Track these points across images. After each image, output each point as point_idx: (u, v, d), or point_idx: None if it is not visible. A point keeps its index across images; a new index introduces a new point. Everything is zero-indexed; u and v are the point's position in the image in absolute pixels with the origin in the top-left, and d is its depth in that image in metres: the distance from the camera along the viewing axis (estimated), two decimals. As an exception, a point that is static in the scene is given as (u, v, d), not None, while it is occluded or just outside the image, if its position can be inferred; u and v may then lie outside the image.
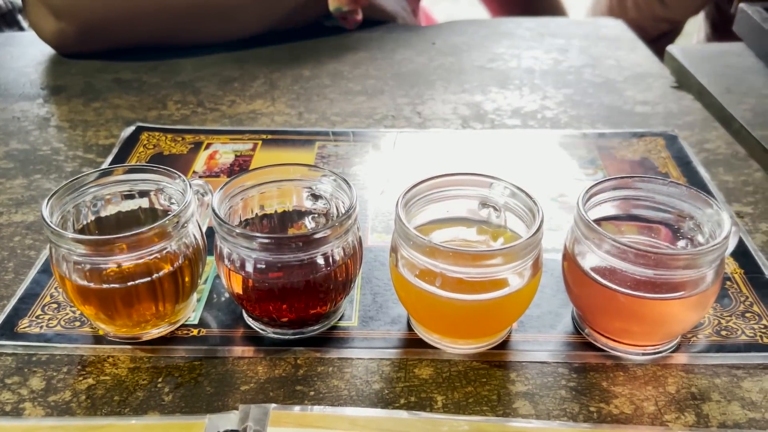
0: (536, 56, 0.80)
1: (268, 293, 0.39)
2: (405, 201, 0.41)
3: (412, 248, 0.38)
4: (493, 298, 0.38)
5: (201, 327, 0.43)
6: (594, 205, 0.43)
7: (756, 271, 0.47)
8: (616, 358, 0.41)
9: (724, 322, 0.43)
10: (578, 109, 0.69)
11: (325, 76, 0.75)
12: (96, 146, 0.62)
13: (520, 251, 0.38)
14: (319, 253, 0.39)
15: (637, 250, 0.37)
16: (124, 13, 0.75)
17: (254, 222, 0.45)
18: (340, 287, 0.41)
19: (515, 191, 0.42)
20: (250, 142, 0.62)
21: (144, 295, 0.40)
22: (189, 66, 0.77)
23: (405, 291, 0.40)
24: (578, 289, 0.41)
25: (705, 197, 0.41)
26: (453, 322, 0.40)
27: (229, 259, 0.40)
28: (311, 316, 0.41)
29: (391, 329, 0.43)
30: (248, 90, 0.72)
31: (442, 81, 0.74)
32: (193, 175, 0.58)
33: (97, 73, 0.76)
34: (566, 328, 0.43)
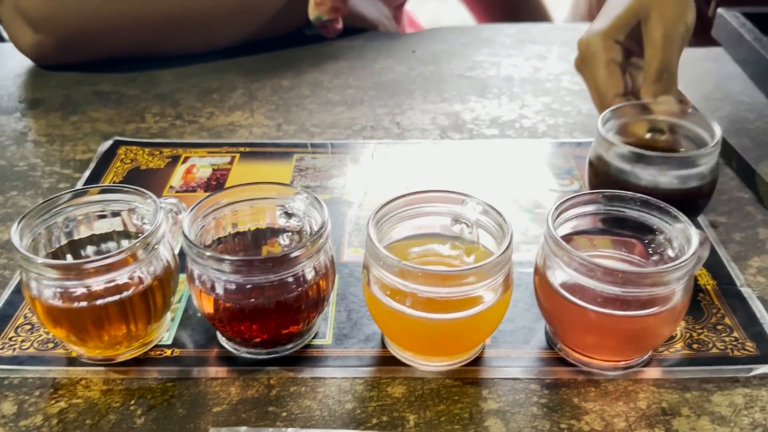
0: (516, 64, 0.80)
1: (240, 314, 0.39)
2: (377, 219, 0.41)
3: (382, 268, 0.38)
4: (465, 316, 0.38)
5: (174, 347, 0.43)
6: (567, 219, 0.43)
7: (728, 282, 0.47)
8: (587, 373, 0.41)
9: (696, 335, 0.43)
10: (556, 118, 0.69)
11: (305, 87, 0.75)
12: (73, 161, 0.62)
13: (490, 269, 0.38)
14: (291, 273, 0.39)
15: (604, 268, 0.37)
16: (103, 25, 0.74)
17: (227, 240, 0.45)
18: (312, 306, 0.41)
19: (486, 208, 0.42)
20: (228, 155, 0.62)
21: (115, 318, 0.40)
22: (169, 77, 0.77)
23: (377, 310, 0.40)
24: (549, 305, 0.41)
25: (674, 212, 0.41)
26: (425, 341, 0.40)
27: (199, 280, 0.40)
28: (284, 335, 0.41)
29: (365, 347, 0.43)
30: (227, 101, 0.72)
31: (422, 90, 0.74)
32: (170, 190, 0.58)
33: (75, 85, 0.75)
34: (539, 344, 0.43)
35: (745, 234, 0.53)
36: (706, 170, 0.47)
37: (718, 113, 0.68)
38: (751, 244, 0.52)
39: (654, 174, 0.47)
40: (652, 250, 0.43)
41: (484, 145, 0.64)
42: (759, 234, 0.53)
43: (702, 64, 0.79)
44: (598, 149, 0.49)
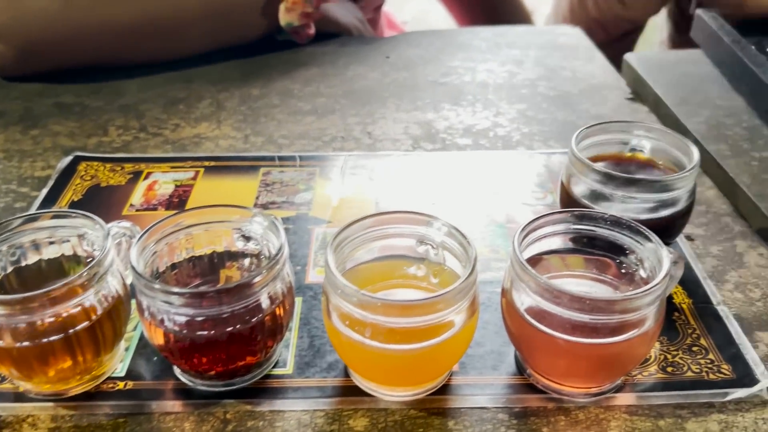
0: (491, 69, 0.79)
1: (192, 347, 0.38)
2: (336, 243, 0.39)
3: (340, 297, 0.36)
4: (429, 345, 0.37)
5: (128, 379, 0.41)
6: (537, 239, 0.41)
7: (705, 300, 0.46)
8: (558, 400, 0.39)
9: (671, 357, 0.42)
10: (531, 126, 0.67)
11: (275, 95, 0.73)
12: (31, 179, 0.60)
13: (454, 297, 0.36)
14: (244, 304, 0.37)
15: (571, 295, 0.35)
16: (64, 34, 0.72)
17: (182, 265, 0.43)
18: (269, 336, 0.39)
19: (451, 230, 0.40)
20: (192, 170, 0.60)
21: (60, 353, 0.38)
22: (134, 87, 0.75)
23: (337, 339, 0.39)
24: (516, 329, 0.39)
25: (645, 232, 0.39)
26: (387, 372, 0.39)
27: (148, 312, 0.38)
28: (240, 367, 0.39)
29: (327, 376, 0.41)
30: (194, 112, 0.70)
31: (395, 98, 0.73)
32: (130, 208, 0.56)
33: (37, 97, 0.73)
34: (508, 369, 0.42)
35: (722, 247, 0.51)
36: (683, 194, 0.46)
37: (695, 119, 0.67)
38: (728, 258, 0.50)
39: (628, 198, 0.45)
40: (624, 270, 0.41)
41: (456, 156, 0.62)
42: (737, 247, 0.51)
43: (680, 66, 0.78)
44: (571, 169, 0.47)
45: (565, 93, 0.73)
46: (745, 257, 0.50)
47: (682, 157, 0.48)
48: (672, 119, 0.68)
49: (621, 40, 1.32)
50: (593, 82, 0.76)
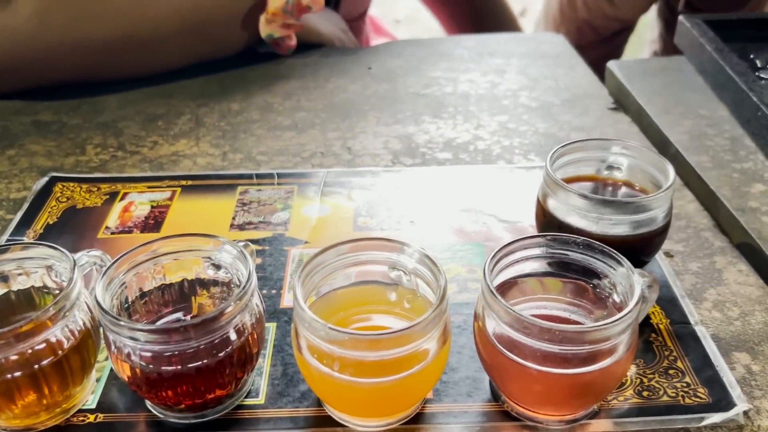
0: (473, 79, 0.78)
1: (159, 381, 0.37)
2: (306, 273, 0.39)
3: (308, 330, 0.36)
4: (399, 378, 0.36)
5: (99, 411, 0.41)
6: (512, 263, 0.41)
7: (682, 320, 0.46)
8: (532, 428, 0.39)
9: (647, 381, 0.42)
10: (512, 139, 0.67)
11: (254, 110, 0.73)
12: (7, 201, 0.59)
13: (423, 328, 0.36)
14: (212, 338, 0.36)
15: (540, 326, 0.35)
16: (41, 52, 0.71)
17: (152, 293, 0.42)
18: (239, 368, 0.39)
19: (422, 257, 0.40)
20: (169, 189, 0.60)
21: (25, 388, 0.37)
22: (113, 103, 0.74)
23: (307, 372, 0.38)
24: (488, 357, 0.39)
25: (617, 257, 0.39)
26: (358, 404, 0.38)
27: (114, 346, 0.37)
28: (210, 400, 0.39)
29: (300, 406, 0.41)
30: (172, 128, 0.69)
31: (375, 111, 0.72)
32: (106, 230, 0.55)
33: (14, 115, 0.72)
34: (484, 396, 0.41)
35: (701, 264, 0.51)
36: (659, 213, 0.45)
37: (677, 129, 0.66)
38: (707, 274, 0.50)
39: (604, 218, 0.44)
40: (598, 294, 0.41)
41: (435, 172, 0.62)
42: (716, 263, 0.51)
43: (663, 74, 0.77)
44: (546, 189, 0.47)
45: (547, 104, 0.73)
46: (724, 274, 0.50)
47: (659, 176, 0.47)
48: (654, 129, 0.68)
49: (611, 39, 1.32)
50: (576, 91, 0.75)
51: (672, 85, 0.75)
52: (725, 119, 0.68)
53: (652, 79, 0.77)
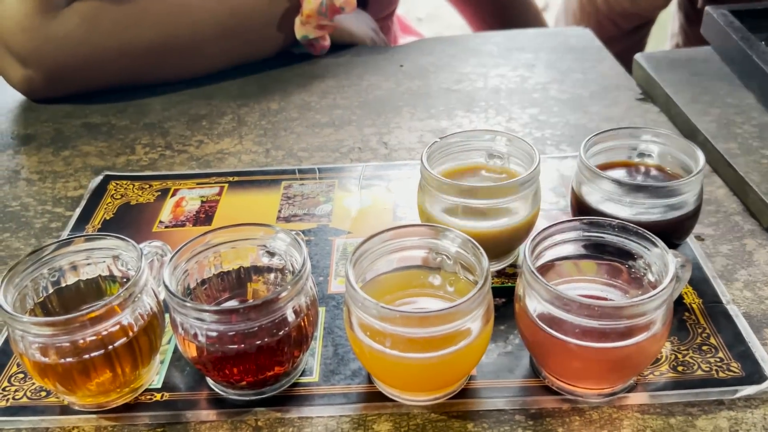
0: (503, 74, 0.80)
1: (223, 359, 0.40)
2: (356, 258, 0.41)
3: (361, 309, 0.39)
4: (446, 354, 0.39)
5: (164, 391, 0.44)
6: (550, 246, 0.43)
7: (714, 300, 0.47)
8: (572, 401, 0.41)
9: (681, 357, 0.44)
10: (543, 130, 0.69)
11: (293, 109, 0.75)
12: (65, 199, 0.63)
13: (468, 306, 0.38)
14: (271, 319, 0.39)
15: (579, 303, 0.37)
16: (87, 58, 0.75)
17: (212, 280, 0.45)
18: (295, 347, 0.41)
19: (464, 242, 0.42)
20: (217, 185, 0.63)
21: (101, 368, 0.40)
22: (158, 105, 0.78)
23: (359, 348, 0.41)
24: (529, 335, 0.41)
25: (651, 238, 0.41)
26: (408, 379, 0.41)
27: (182, 328, 0.40)
28: (269, 377, 0.42)
29: (352, 383, 0.43)
30: (216, 128, 0.73)
31: (409, 107, 0.75)
32: (160, 224, 0.58)
33: (66, 118, 0.76)
34: (524, 372, 0.43)
35: (732, 246, 0.52)
36: (690, 197, 0.47)
37: (706, 117, 0.68)
38: (738, 256, 0.51)
39: (637, 203, 0.47)
40: (633, 274, 0.43)
41: (470, 163, 0.64)
42: (747, 245, 0.52)
43: (690, 65, 0.79)
44: (581, 177, 0.49)
45: (576, 96, 0.75)
46: (754, 255, 0.51)
47: (689, 161, 0.49)
48: (683, 118, 0.69)
49: (633, 33, 1.33)
50: (604, 83, 0.77)
51: (699, 75, 0.77)
52: (752, 107, 0.69)
53: (679, 69, 0.78)
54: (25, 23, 0.73)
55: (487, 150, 0.53)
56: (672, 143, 0.51)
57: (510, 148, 0.52)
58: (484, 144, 0.53)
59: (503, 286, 0.50)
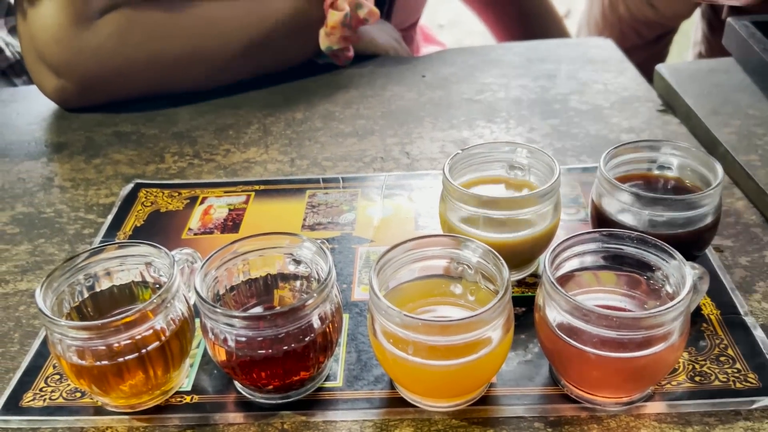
0: (524, 84, 0.81)
1: (251, 363, 0.41)
2: (379, 267, 0.43)
3: (384, 317, 0.40)
4: (467, 362, 0.40)
5: (194, 393, 0.45)
6: (570, 257, 0.44)
7: (732, 311, 0.48)
8: (591, 410, 0.42)
9: (698, 367, 0.44)
10: (564, 141, 0.70)
11: (317, 119, 0.77)
12: (97, 206, 0.65)
13: (489, 316, 0.39)
14: (297, 325, 0.41)
15: (598, 313, 0.38)
16: (118, 69, 0.77)
17: (240, 287, 0.47)
18: (321, 353, 0.43)
19: (485, 252, 0.43)
20: (244, 194, 0.64)
21: (134, 370, 0.42)
22: (186, 114, 0.80)
23: (382, 355, 0.42)
24: (549, 344, 0.42)
25: (669, 250, 0.42)
26: (429, 386, 0.42)
27: (212, 333, 0.42)
28: (295, 381, 0.43)
29: (374, 389, 0.45)
30: (242, 138, 0.74)
31: (431, 117, 0.76)
32: (189, 232, 0.60)
33: (97, 127, 0.78)
34: (544, 380, 0.44)
35: (751, 258, 0.53)
36: (709, 210, 0.48)
37: (726, 129, 0.68)
38: (757, 268, 0.52)
39: (656, 215, 0.47)
40: (651, 285, 0.44)
41: (491, 173, 0.65)
42: (765, 257, 0.53)
43: (712, 76, 0.79)
44: (600, 188, 0.50)
45: (597, 107, 0.76)
46: (773, 267, 0.52)
47: (708, 174, 0.50)
48: (703, 130, 0.70)
49: (655, 42, 1.33)
50: (625, 94, 0.78)
51: (720, 86, 0.77)
52: (774, 119, 0.70)
53: (701, 80, 0.78)
54: (60, 35, 0.75)
55: (508, 162, 0.54)
56: (691, 156, 0.51)
57: (531, 160, 0.53)
58: (505, 156, 0.54)
59: (523, 296, 0.51)
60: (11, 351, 0.50)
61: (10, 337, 0.51)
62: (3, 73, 0.98)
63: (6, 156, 0.74)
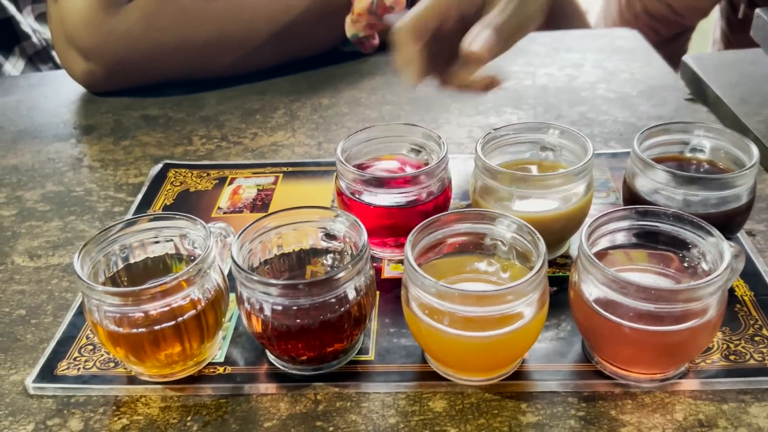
0: (551, 73, 0.81)
1: (286, 334, 0.42)
2: (413, 241, 0.43)
3: (420, 288, 0.40)
4: (501, 334, 0.40)
5: (227, 365, 0.46)
6: (602, 234, 0.44)
7: (765, 293, 0.48)
8: (624, 386, 0.42)
9: (733, 346, 0.44)
10: (592, 127, 0.70)
11: (343, 104, 0.77)
12: (126, 185, 0.65)
13: (524, 289, 0.39)
14: (333, 295, 0.41)
15: (637, 285, 0.38)
16: (147, 52, 0.78)
17: (273, 261, 0.47)
18: (354, 325, 0.43)
19: (520, 227, 0.43)
20: (272, 175, 0.65)
21: (170, 339, 0.42)
22: (213, 99, 0.80)
23: (416, 327, 0.42)
24: (584, 319, 0.42)
25: (706, 227, 0.42)
26: (463, 358, 0.42)
27: (248, 302, 0.42)
28: (329, 353, 0.43)
29: (407, 362, 0.45)
30: (269, 122, 0.75)
31: (457, 103, 0.76)
32: (218, 210, 0.60)
33: (125, 110, 0.79)
34: (576, 356, 0.44)
35: (783, 242, 0.53)
36: (743, 191, 0.47)
37: (755, 118, 0.68)
38: (789, 252, 0.52)
39: (690, 195, 0.47)
40: (686, 263, 0.44)
41: (519, 158, 0.65)
42: (798, 242, 0.53)
43: (740, 66, 0.79)
44: (634, 168, 0.50)
45: (624, 95, 0.75)
46: (806, 252, 0.52)
47: (742, 156, 0.50)
48: (732, 119, 0.70)
49: (672, 41, 1.33)
50: (652, 83, 0.78)
51: (748, 76, 0.77)
52: (804, 108, 0.69)
53: (728, 71, 0.78)
54: (89, 19, 0.76)
55: (539, 142, 0.54)
56: (725, 138, 0.51)
57: (562, 141, 0.53)
58: (537, 136, 0.54)
59: (554, 276, 0.51)
60: (45, 322, 0.50)
61: (44, 309, 0.51)
62: (29, 59, 0.99)
63: (36, 137, 0.75)
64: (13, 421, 0.42)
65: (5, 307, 0.51)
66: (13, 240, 0.59)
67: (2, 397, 0.44)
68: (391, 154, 0.57)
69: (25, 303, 0.52)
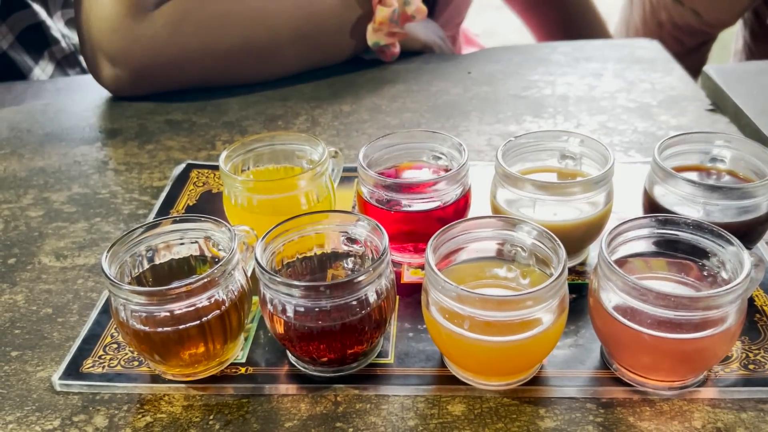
0: (570, 82, 0.82)
1: (308, 335, 0.42)
2: (434, 245, 0.43)
3: (440, 292, 0.41)
4: (520, 339, 0.40)
5: (248, 365, 0.46)
6: (622, 242, 0.44)
7: (786, 302, 0.48)
8: (643, 393, 0.42)
9: (752, 356, 0.44)
10: (612, 137, 0.70)
11: (364, 111, 0.78)
12: (150, 188, 0.67)
13: (545, 294, 0.40)
14: (354, 297, 0.41)
15: (657, 292, 0.38)
16: (172, 59, 0.79)
17: (295, 264, 0.48)
18: (375, 327, 0.44)
19: (540, 233, 0.44)
20: (293, 180, 0.65)
21: (194, 338, 0.43)
22: (235, 105, 0.81)
23: (436, 331, 0.43)
24: (603, 326, 0.42)
25: (726, 235, 0.42)
26: (482, 362, 0.42)
27: (271, 304, 0.43)
28: (349, 355, 0.44)
29: (426, 366, 0.45)
30: (291, 127, 0.76)
31: (477, 111, 0.76)
32: (240, 214, 0.61)
33: (149, 115, 0.80)
34: (595, 363, 0.45)
35: (804, 253, 0.53)
36: (763, 201, 0.48)
37: (777, 128, 0.68)
38: (810, 263, 0.52)
39: (710, 205, 0.47)
40: (706, 272, 0.44)
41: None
42: (819, 253, 0.53)
43: (761, 77, 0.79)
44: (654, 177, 0.50)
45: (644, 105, 0.76)
46: (827, 263, 0.52)
47: (762, 166, 0.50)
48: (753, 129, 0.70)
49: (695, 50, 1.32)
50: (672, 93, 0.78)
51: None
52: (826, 119, 0.69)
53: (749, 81, 0.78)
54: (116, 24, 0.78)
55: (560, 150, 0.54)
56: (745, 148, 0.51)
57: (583, 149, 0.53)
58: (557, 144, 0.54)
59: (573, 283, 0.51)
60: (70, 321, 0.51)
61: (69, 308, 0.52)
62: (58, 64, 1.01)
63: (63, 140, 0.76)
64: (40, 417, 0.43)
65: (32, 306, 0.53)
66: (40, 240, 0.60)
67: (29, 393, 0.45)
68: (412, 160, 0.57)
69: (51, 302, 0.53)
